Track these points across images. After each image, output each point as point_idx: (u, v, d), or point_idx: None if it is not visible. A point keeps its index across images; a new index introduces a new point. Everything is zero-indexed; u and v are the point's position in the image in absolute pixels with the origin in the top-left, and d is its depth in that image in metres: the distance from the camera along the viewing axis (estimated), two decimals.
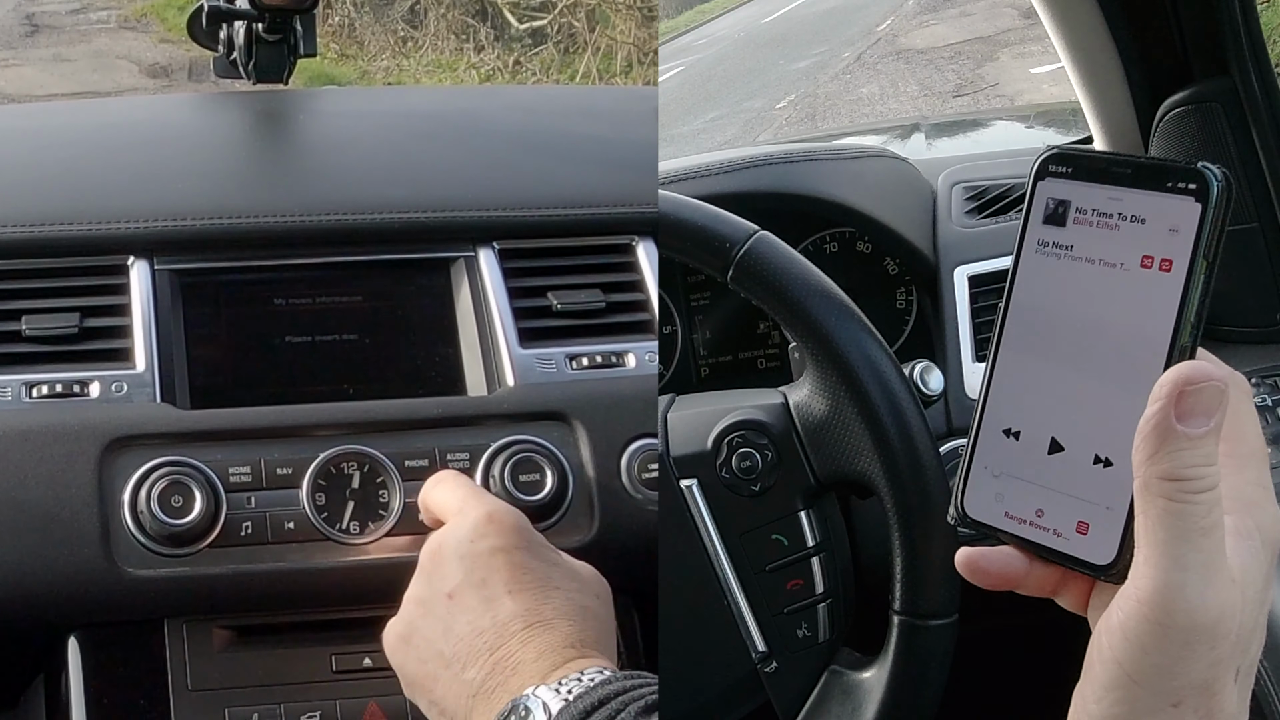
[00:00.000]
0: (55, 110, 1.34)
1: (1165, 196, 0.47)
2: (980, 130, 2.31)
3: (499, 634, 0.71)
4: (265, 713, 0.86)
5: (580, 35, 7.92)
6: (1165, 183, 0.47)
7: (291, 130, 1.17)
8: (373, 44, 8.28)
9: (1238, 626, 0.44)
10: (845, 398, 0.82)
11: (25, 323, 0.91)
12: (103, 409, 0.88)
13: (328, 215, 0.98)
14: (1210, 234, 0.46)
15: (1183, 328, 0.47)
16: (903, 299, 1.24)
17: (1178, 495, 0.44)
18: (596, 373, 0.97)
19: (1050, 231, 0.51)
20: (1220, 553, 0.44)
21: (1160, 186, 0.48)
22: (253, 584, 0.86)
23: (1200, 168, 0.47)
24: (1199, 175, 0.47)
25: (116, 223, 0.95)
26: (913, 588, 0.81)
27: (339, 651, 0.89)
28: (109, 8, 8.46)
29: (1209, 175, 0.47)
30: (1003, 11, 9.91)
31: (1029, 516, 0.51)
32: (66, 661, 0.86)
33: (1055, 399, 0.50)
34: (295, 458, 0.88)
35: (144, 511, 0.84)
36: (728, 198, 1.02)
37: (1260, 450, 0.48)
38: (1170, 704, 0.44)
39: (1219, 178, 0.46)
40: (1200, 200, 0.46)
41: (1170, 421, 0.44)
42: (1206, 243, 0.46)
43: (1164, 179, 0.48)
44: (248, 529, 0.85)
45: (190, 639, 0.87)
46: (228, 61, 1.22)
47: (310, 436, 0.89)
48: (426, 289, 0.99)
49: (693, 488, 0.87)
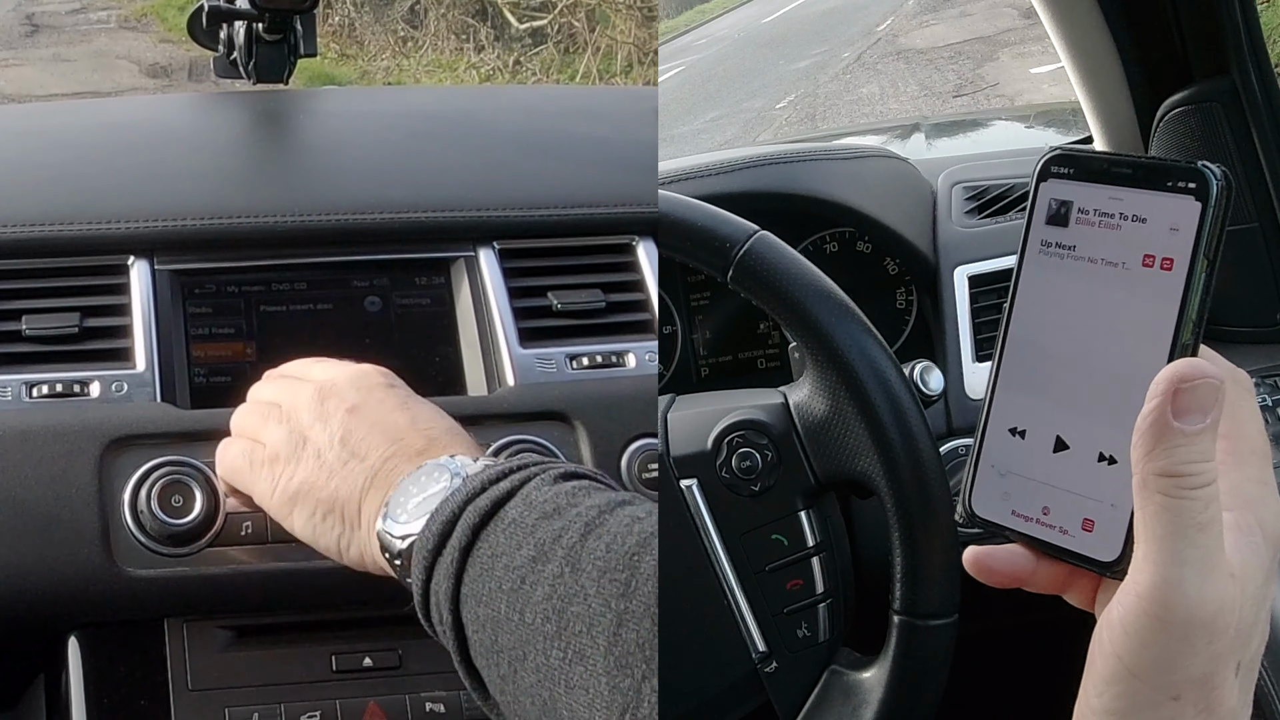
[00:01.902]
0: (55, 110, 1.34)
1: (1165, 196, 0.48)
2: (980, 130, 2.31)
3: (401, 433, 0.72)
4: (265, 713, 0.86)
5: (580, 35, 7.92)
6: (1165, 182, 0.48)
7: (291, 130, 1.17)
8: (373, 44, 8.28)
9: (1237, 621, 0.45)
10: (845, 398, 0.82)
11: (25, 323, 0.91)
12: (103, 409, 0.88)
13: (328, 215, 0.98)
14: (1210, 232, 0.47)
15: (1184, 326, 0.47)
16: (903, 299, 1.24)
17: (1174, 491, 0.44)
18: (596, 373, 0.97)
19: (1053, 232, 0.51)
20: (1218, 548, 0.44)
21: (1160, 186, 0.48)
22: (253, 584, 0.86)
23: (1200, 167, 0.47)
24: (1199, 174, 0.47)
25: (116, 223, 0.95)
26: (913, 588, 0.81)
27: (339, 651, 0.89)
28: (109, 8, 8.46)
29: (1208, 174, 0.47)
30: (1003, 11, 9.91)
31: (1035, 514, 0.51)
32: (66, 661, 0.86)
33: (1060, 398, 0.51)
34: None
35: (144, 511, 0.84)
36: (728, 198, 1.02)
37: (1262, 447, 0.49)
38: (1170, 697, 0.45)
39: (1218, 176, 0.47)
40: (1200, 199, 0.47)
41: (1166, 418, 0.44)
42: (1207, 241, 0.47)
43: (1164, 178, 0.48)
44: (248, 529, 0.85)
45: (190, 639, 0.87)
46: (228, 61, 1.22)
47: None
48: (426, 289, 0.99)
49: (693, 488, 0.87)
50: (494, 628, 0.61)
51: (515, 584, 0.60)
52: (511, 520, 0.63)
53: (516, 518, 0.63)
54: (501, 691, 0.62)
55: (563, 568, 0.59)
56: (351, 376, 0.77)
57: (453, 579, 0.63)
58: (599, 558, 0.59)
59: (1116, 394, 0.48)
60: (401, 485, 0.68)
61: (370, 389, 0.76)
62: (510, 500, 0.64)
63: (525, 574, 0.60)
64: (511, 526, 0.62)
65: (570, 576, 0.59)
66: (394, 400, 0.75)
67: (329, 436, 0.73)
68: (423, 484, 0.68)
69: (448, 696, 0.88)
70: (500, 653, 0.61)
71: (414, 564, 0.66)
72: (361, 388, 0.76)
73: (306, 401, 0.76)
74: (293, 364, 0.83)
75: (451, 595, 0.63)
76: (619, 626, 0.56)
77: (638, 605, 0.56)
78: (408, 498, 0.68)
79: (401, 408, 0.74)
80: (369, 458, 0.71)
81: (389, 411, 0.74)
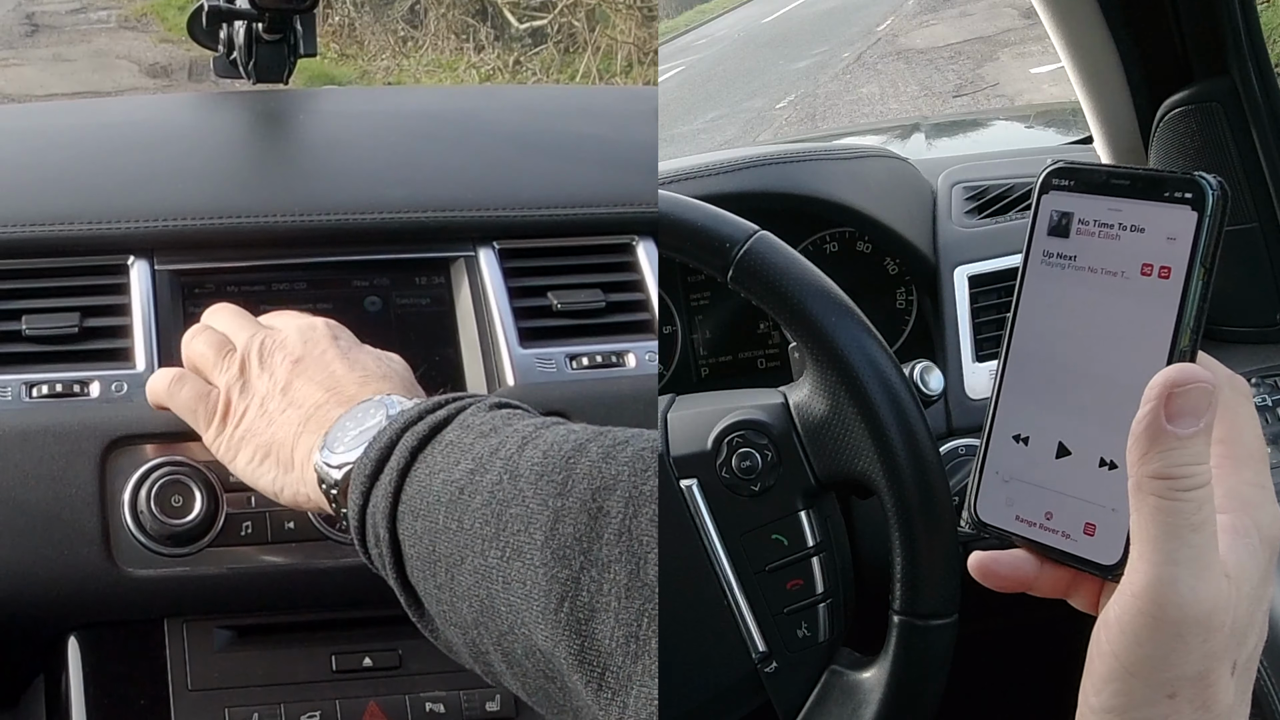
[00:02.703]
0: (55, 110, 1.34)
1: (1162, 206, 0.49)
2: (980, 130, 2.32)
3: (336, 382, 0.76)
4: (265, 713, 0.86)
5: (580, 35, 7.92)
6: (1162, 193, 0.49)
7: (291, 130, 1.17)
8: (373, 44, 8.29)
9: (1232, 620, 0.45)
10: (845, 398, 0.82)
11: (25, 323, 0.91)
12: (103, 409, 0.88)
13: (328, 215, 0.98)
14: (1207, 241, 0.48)
15: (1181, 332, 0.48)
16: (903, 299, 1.24)
17: (1168, 493, 0.45)
18: (596, 373, 0.97)
19: (1055, 243, 0.52)
20: (1211, 548, 0.45)
21: (1158, 197, 0.49)
22: (253, 584, 0.86)
23: (1196, 177, 0.48)
24: (1195, 185, 0.48)
25: (116, 223, 0.95)
26: (913, 588, 0.81)
27: (339, 651, 0.89)
28: (109, 8, 8.46)
29: (1204, 185, 0.48)
30: (1003, 11, 9.92)
31: (1038, 519, 0.52)
32: (66, 661, 0.86)
33: (1062, 405, 0.52)
34: None
35: (144, 511, 0.84)
36: (728, 198, 1.02)
37: (1259, 450, 0.49)
38: (1166, 695, 0.45)
39: (1214, 187, 0.48)
40: (1196, 209, 0.48)
41: (1160, 422, 0.45)
42: (1204, 250, 0.48)
43: (1161, 189, 0.49)
44: (248, 529, 0.85)
45: (190, 639, 0.87)
46: (228, 61, 1.22)
47: None
48: (426, 289, 0.99)
49: (693, 488, 0.87)
50: (431, 538, 0.63)
51: (454, 495, 0.62)
52: (449, 442, 0.65)
53: (454, 440, 0.65)
54: (438, 601, 0.63)
55: (501, 476, 0.61)
56: (300, 328, 0.80)
57: (390, 498, 0.65)
58: (536, 463, 0.60)
59: (1116, 400, 0.49)
60: (339, 423, 0.71)
61: (315, 340, 0.79)
62: (448, 426, 0.67)
63: (464, 485, 0.62)
64: (449, 447, 0.65)
65: (509, 482, 0.60)
66: (335, 351, 0.78)
67: (271, 385, 0.77)
68: (359, 419, 0.71)
69: (448, 696, 0.88)
70: (438, 561, 0.62)
71: (351, 490, 0.68)
72: (308, 340, 0.79)
73: (255, 350, 0.79)
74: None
75: (389, 514, 0.65)
76: (555, 522, 0.57)
77: (573, 501, 0.57)
78: (344, 432, 0.70)
79: (342, 358, 0.78)
80: (304, 405, 0.75)
81: (330, 361, 0.78)
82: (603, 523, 0.56)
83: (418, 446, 0.66)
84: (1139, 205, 0.49)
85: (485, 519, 0.60)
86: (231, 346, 0.81)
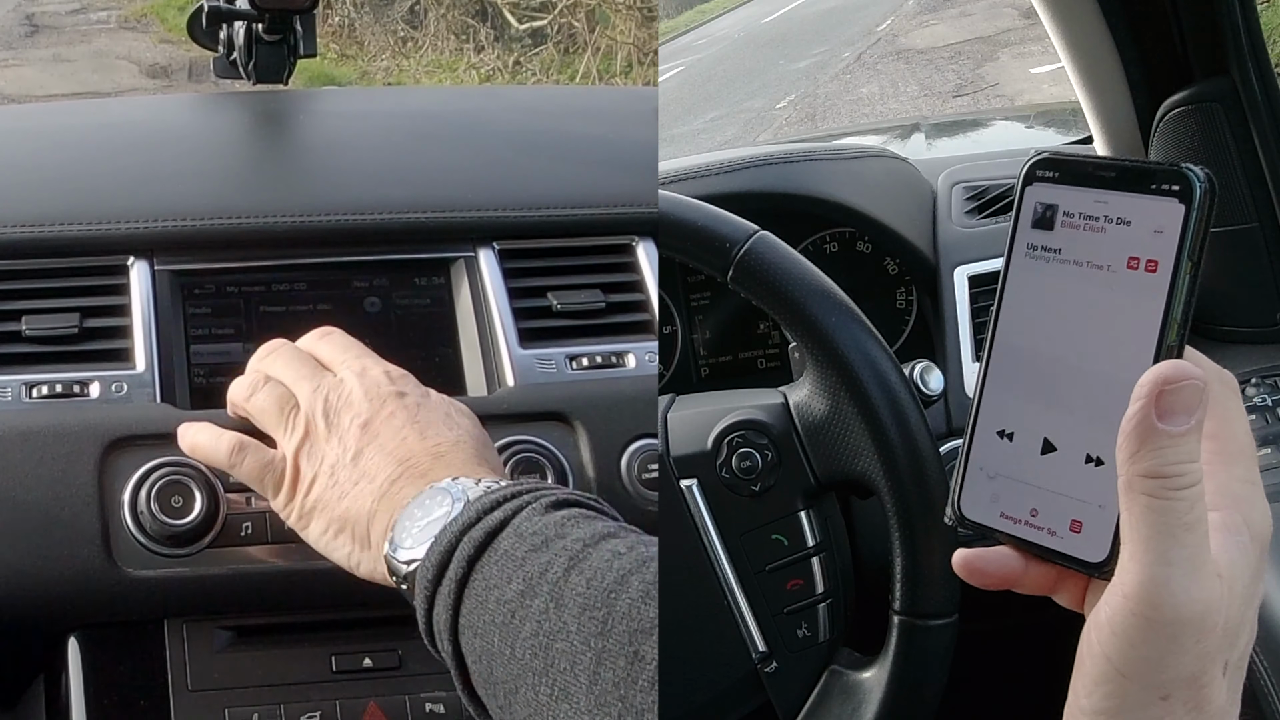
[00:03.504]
0: (55, 110, 1.34)
1: (1149, 198, 0.48)
2: (980, 130, 2.32)
3: (409, 453, 0.74)
4: (265, 713, 0.86)
5: (580, 35, 7.93)
6: (1149, 185, 0.48)
7: (291, 130, 1.17)
8: (373, 44, 8.29)
9: (1224, 620, 0.45)
10: (845, 398, 0.82)
11: (25, 323, 0.91)
12: (103, 409, 0.88)
13: (328, 215, 0.98)
14: (1194, 234, 0.47)
15: (1169, 327, 0.47)
16: (903, 299, 1.24)
17: (1160, 492, 0.44)
18: (596, 373, 0.97)
19: (1039, 235, 0.51)
20: (1204, 548, 0.45)
21: (1144, 189, 0.48)
22: (253, 584, 0.86)
23: (1183, 169, 0.47)
24: (1181, 176, 0.47)
25: (116, 223, 0.95)
26: (913, 588, 0.81)
27: (339, 651, 0.89)
28: (109, 8, 8.47)
29: (1191, 176, 0.47)
30: (1003, 11, 9.92)
31: (1024, 516, 0.51)
32: (66, 661, 0.86)
33: (1047, 400, 0.51)
34: None
35: (144, 511, 0.84)
36: (728, 198, 1.02)
37: (1249, 448, 0.49)
38: (1159, 697, 0.45)
39: (1201, 179, 0.47)
40: (1183, 201, 0.47)
41: (1151, 420, 0.44)
42: (1191, 243, 0.47)
43: (1147, 181, 0.48)
44: (248, 529, 0.85)
45: (190, 639, 0.87)
46: (228, 61, 1.22)
47: None
48: (426, 289, 0.99)
49: (693, 488, 0.87)
50: (489, 660, 0.64)
51: (506, 618, 0.63)
52: (503, 552, 0.65)
53: (508, 549, 0.65)
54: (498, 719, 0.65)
55: (548, 603, 0.62)
56: (364, 383, 0.78)
57: (450, 610, 0.66)
58: (580, 593, 0.61)
59: (1103, 396, 0.48)
60: (407, 509, 0.71)
61: (382, 399, 0.77)
62: (503, 531, 0.66)
63: (515, 608, 0.63)
64: (503, 559, 0.65)
65: (554, 612, 0.61)
66: (404, 415, 0.76)
67: (341, 452, 0.76)
68: (426, 508, 0.70)
69: (448, 696, 0.88)
70: (496, 685, 0.63)
71: (416, 592, 0.68)
72: (373, 398, 0.77)
73: (320, 409, 0.78)
74: (306, 339, 0.85)
75: (450, 626, 0.66)
76: (598, 665, 0.58)
77: (614, 644, 0.58)
78: (412, 522, 0.70)
79: (411, 423, 0.76)
80: (377, 479, 0.74)
81: (399, 428, 0.76)
82: (638, 668, 0.57)
83: (474, 555, 0.66)
84: (1125, 197, 0.49)
85: (534, 650, 0.61)
86: (295, 404, 0.79)
